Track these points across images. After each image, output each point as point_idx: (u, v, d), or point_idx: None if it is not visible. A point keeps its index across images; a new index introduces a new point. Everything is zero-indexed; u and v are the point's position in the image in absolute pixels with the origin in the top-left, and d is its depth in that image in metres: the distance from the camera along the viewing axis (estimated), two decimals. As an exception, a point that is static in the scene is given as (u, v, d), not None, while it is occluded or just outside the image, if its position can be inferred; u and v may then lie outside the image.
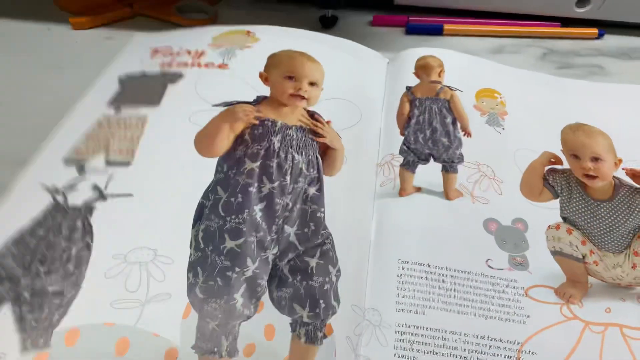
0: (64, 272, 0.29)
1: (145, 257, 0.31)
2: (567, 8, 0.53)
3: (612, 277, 0.36)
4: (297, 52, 0.40)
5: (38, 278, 0.29)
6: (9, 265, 0.30)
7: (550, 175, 0.40)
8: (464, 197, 0.39)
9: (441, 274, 0.35)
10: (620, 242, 0.37)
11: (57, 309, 0.28)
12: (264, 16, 0.57)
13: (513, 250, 0.36)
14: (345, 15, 0.57)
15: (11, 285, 0.29)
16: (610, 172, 0.40)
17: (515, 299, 0.34)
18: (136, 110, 0.40)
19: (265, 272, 0.33)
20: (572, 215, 0.38)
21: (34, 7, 0.58)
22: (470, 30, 0.54)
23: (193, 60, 0.46)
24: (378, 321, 0.33)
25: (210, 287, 0.30)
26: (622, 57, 0.53)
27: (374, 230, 0.37)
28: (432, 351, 0.32)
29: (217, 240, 0.31)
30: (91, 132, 0.38)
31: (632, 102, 0.48)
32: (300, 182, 0.35)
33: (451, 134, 0.43)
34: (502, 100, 0.46)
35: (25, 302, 0.28)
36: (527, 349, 0.32)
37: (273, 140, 0.35)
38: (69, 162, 0.36)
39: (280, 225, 0.34)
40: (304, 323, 0.32)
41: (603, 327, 0.33)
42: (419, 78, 0.46)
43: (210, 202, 0.33)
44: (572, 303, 0.34)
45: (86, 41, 0.54)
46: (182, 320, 0.29)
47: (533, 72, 0.50)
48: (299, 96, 0.36)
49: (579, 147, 0.41)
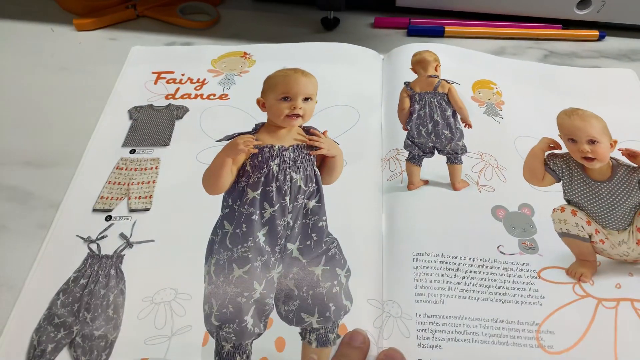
0: (105, 318, 0.33)
1: (169, 297, 0.34)
2: (568, 10, 0.54)
3: (618, 254, 0.37)
4: (291, 69, 0.43)
5: (86, 324, 0.33)
6: (62, 314, 0.33)
7: (550, 160, 0.42)
8: (471, 187, 0.40)
9: (456, 262, 0.35)
10: (622, 219, 0.38)
11: (104, 350, 0.32)
12: (265, 18, 0.58)
13: (522, 235, 0.37)
14: (346, 17, 0.57)
15: (66, 333, 0.33)
16: (606, 153, 0.41)
17: (529, 282, 0.35)
18: (149, 152, 0.43)
19: (272, 291, 0.34)
20: (575, 197, 0.40)
21: (38, 8, 0.58)
22: (471, 32, 0.55)
23: (196, 90, 0.48)
24: (399, 313, 0.33)
25: (224, 314, 0.33)
26: (622, 59, 0.53)
27: (384, 225, 0.38)
28: (455, 338, 0.32)
29: (226, 271, 0.34)
30: (113, 178, 0.41)
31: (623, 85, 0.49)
32: (300, 198, 0.37)
33: (452, 126, 0.43)
34: (498, 90, 0.47)
35: (78, 346, 0.32)
36: (545, 329, 0.33)
37: (272, 165, 0.37)
38: (97, 211, 0.39)
39: (282, 244, 0.36)
40: (314, 329, 0.33)
41: (615, 302, 0.34)
42: (416, 73, 0.47)
43: (219, 237, 0.36)
44: (584, 281, 0.35)
45: (90, 42, 0.54)
46: (201, 347, 0.32)
47: (524, 61, 0.51)
48: (294, 115, 0.40)
49: (575, 131, 0.43)
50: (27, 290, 0.35)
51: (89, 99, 0.47)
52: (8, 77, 0.50)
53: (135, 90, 0.48)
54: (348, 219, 0.38)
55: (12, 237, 0.38)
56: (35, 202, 0.40)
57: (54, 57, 0.52)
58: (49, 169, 0.42)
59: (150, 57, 0.51)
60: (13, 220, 0.39)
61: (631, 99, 0.47)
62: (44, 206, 0.40)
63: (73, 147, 0.43)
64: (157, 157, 0.42)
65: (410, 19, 0.56)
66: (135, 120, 0.45)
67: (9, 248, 0.37)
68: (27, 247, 0.37)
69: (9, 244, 0.37)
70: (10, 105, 0.48)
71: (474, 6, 0.55)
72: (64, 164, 0.42)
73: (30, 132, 0.45)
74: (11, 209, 0.40)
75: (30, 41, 0.54)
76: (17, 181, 0.41)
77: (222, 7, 0.59)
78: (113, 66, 0.50)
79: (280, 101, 0.40)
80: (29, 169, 0.42)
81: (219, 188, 0.38)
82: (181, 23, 0.56)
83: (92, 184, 0.40)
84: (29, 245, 0.37)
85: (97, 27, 0.56)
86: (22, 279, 0.35)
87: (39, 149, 0.44)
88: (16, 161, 0.43)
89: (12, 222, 0.39)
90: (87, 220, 0.38)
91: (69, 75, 0.50)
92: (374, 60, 0.50)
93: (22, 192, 0.41)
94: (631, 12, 0.53)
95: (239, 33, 0.55)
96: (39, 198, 0.40)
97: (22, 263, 0.36)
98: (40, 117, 0.46)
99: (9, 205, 0.40)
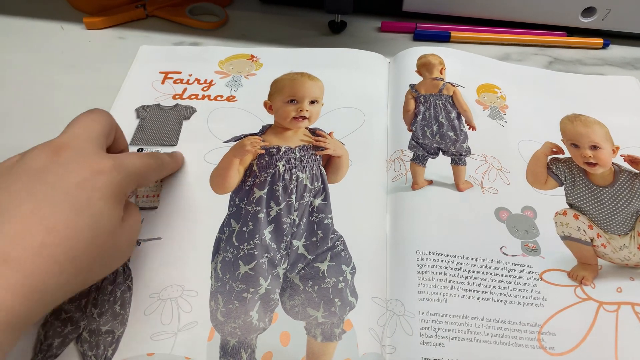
0: (112, 313, 0.34)
1: (175, 294, 0.35)
2: (573, 18, 0.54)
3: (620, 259, 0.38)
4: (298, 73, 0.45)
5: (93, 319, 0.34)
6: (69, 309, 0.34)
7: (553, 164, 0.42)
8: (474, 188, 0.40)
9: (459, 262, 0.36)
10: (624, 224, 0.39)
11: (110, 345, 0.33)
12: (273, 20, 0.58)
13: (524, 237, 0.38)
14: (354, 20, 0.58)
15: (72, 328, 0.33)
16: (609, 158, 0.42)
17: (531, 284, 0.35)
18: (157, 151, 0.43)
19: (277, 286, 0.35)
20: (577, 201, 0.40)
21: (48, 7, 0.59)
22: (477, 38, 0.55)
23: (203, 91, 0.48)
24: (402, 311, 0.34)
25: (229, 309, 0.33)
26: (626, 67, 0.54)
27: (389, 224, 0.38)
28: (457, 337, 0.32)
29: (232, 268, 0.35)
30: None
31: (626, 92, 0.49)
32: (306, 197, 0.38)
33: (457, 128, 0.44)
34: (502, 94, 0.48)
35: (85, 341, 0.33)
36: (546, 330, 0.33)
37: (278, 165, 0.38)
38: None
39: (288, 241, 0.36)
40: (319, 323, 0.33)
41: (616, 305, 0.35)
42: (422, 76, 0.48)
43: (226, 235, 0.37)
44: (585, 284, 0.35)
45: (99, 41, 0.55)
46: (207, 342, 0.33)
47: (528, 67, 0.52)
48: (301, 117, 0.41)
49: (578, 137, 0.43)
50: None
51: (98, 97, 0.48)
52: (18, 73, 0.51)
53: (143, 90, 0.48)
54: (353, 218, 0.38)
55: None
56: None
57: (64, 55, 0.53)
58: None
59: (158, 56, 0.52)
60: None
61: (634, 106, 0.48)
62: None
63: (81, 143, 0.43)
64: None
65: (416, 24, 0.56)
66: (143, 119, 0.46)
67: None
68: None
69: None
70: (20, 101, 0.48)
71: (480, 12, 0.55)
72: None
73: (39, 128, 0.46)
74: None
75: (40, 39, 0.55)
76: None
77: (230, 8, 0.60)
78: (122, 65, 0.51)
79: (287, 104, 0.42)
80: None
81: (226, 187, 0.39)
82: (190, 23, 0.57)
83: None
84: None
85: (107, 26, 0.56)
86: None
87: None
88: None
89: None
90: None
91: (78, 72, 0.51)
92: (380, 64, 0.51)
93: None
94: (636, 20, 0.54)
95: (247, 34, 0.56)
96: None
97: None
98: (49, 113, 0.47)
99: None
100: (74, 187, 0.27)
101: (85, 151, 0.30)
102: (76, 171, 0.28)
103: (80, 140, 0.30)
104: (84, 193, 0.27)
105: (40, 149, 0.29)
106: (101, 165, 0.29)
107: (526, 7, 0.54)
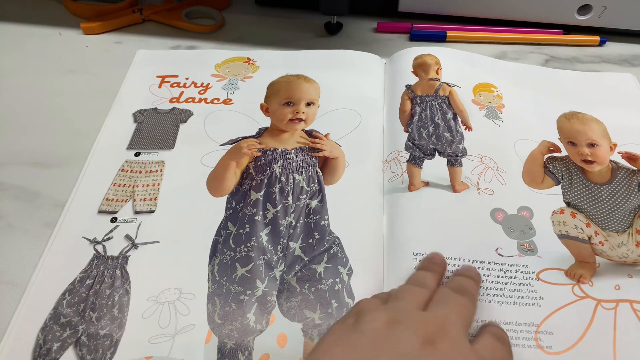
0: (110, 317, 0.34)
1: (173, 297, 0.35)
2: (569, 15, 0.54)
3: (618, 256, 0.37)
4: (294, 75, 0.45)
5: (91, 323, 0.34)
6: (67, 313, 0.34)
7: (550, 163, 0.42)
8: (470, 189, 0.40)
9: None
10: (622, 221, 0.39)
11: (109, 349, 0.33)
12: (269, 23, 0.58)
13: (521, 237, 0.38)
14: (349, 22, 0.58)
15: (71, 332, 0.33)
16: (606, 156, 0.42)
17: (528, 283, 0.35)
18: (154, 155, 0.43)
19: (274, 288, 0.35)
20: (575, 200, 0.40)
21: (45, 12, 0.59)
22: (473, 37, 0.55)
23: (200, 94, 0.48)
24: (398, 313, 0.33)
25: (227, 312, 0.34)
26: (623, 64, 0.54)
27: (385, 225, 0.38)
28: (454, 338, 0.32)
29: (229, 270, 0.35)
30: (118, 180, 0.42)
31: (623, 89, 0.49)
32: (302, 198, 0.38)
33: (453, 128, 0.44)
34: (498, 93, 0.48)
35: (84, 345, 0.33)
36: (543, 329, 0.33)
37: (274, 167, 0.38)
38: (103, 212, 0.40)
39: (285, 243, 0.36)
40: (316, 325, 0.33)
41: (614, 303, 0.34)
42: (418, 76, 0.48)
43: (223, 237, 0.37)
44: (583, 283, 0.35)
45: (96, 46, 0.55)
46: (204, 345, 0.33)
47: (524, 65, 0.52)
48: (297, 119, 0.41)
49: (575, 134, 0.43)
50: (32, 289, 0.35)
51: (95, 101, 0.48)
52: (17, 78, 0.51)
53: (140, 94, 0.48)
54: (350, 219, 0.38)
55: (18, 236, 0.38)
56: (41, 201, 0.41)
57: (62, 60, 0.53)
58: (55, 170, 0.43)
59: (155, 60, 0.52)
60: (19, 219, 0.40)
61: (631, 103, 0.48)
62: (49, 206, 0.40)
63: (79, 148, 0.44)
64: (161, 159, 0.43)
65: (412, 24, 0.56)
66: (140, 123, 0.46)
67: (15, 246, 0.38)
68: (33, 246, 0.37)
69: (15, 243, 0.38)
70: (18, 106, 0.48)
71: (476, 11, 0.55)
72: (70, 165, 0.43)
73: (37, 133, 0.46)
74: (18, 208, 0.40)
75: (38, 44, 0.55)
76: (24, 181, 0.42)
77: (226, 11, 0.60)
78: (119, 69, 0.51)
79: (283, 106, 0.42)
80: (35, 169, 0.43)
81: (223, 190, 0.39)
82: (186, 27, 0.57)
83: (97, 185, 0.41)
84: (34, 244, 0.38)
85: (104, 31, 0.57)
86: (27, 277, 0.36)
87: (46, 149, 0.44)
88: (23, 161, 0.44)
89: (18, 220, 0.39)
90: (93, 221, 0.39)
91: (75, 77, 0.51)
92: (376, 65, 0.51)
93: (29, 191, 0.41)
94: (631, 17, 0.54)
95: (243, 37, 0.56)
96: (45, 198, 0.41)
97: (27, 262, 0.37)
98: (47, 119, 0.47)
99: (15, 204, 0.41)
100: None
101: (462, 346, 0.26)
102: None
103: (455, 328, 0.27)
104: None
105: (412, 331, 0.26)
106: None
107: (522, 6, 0.54)
